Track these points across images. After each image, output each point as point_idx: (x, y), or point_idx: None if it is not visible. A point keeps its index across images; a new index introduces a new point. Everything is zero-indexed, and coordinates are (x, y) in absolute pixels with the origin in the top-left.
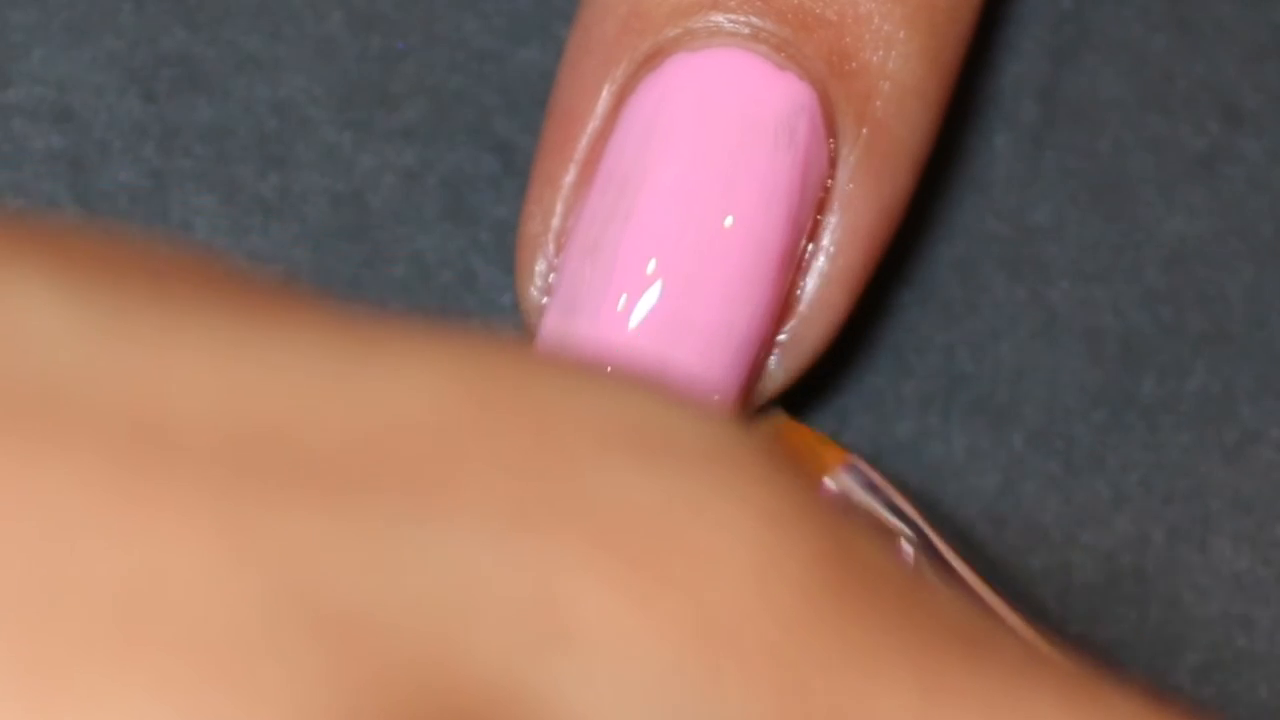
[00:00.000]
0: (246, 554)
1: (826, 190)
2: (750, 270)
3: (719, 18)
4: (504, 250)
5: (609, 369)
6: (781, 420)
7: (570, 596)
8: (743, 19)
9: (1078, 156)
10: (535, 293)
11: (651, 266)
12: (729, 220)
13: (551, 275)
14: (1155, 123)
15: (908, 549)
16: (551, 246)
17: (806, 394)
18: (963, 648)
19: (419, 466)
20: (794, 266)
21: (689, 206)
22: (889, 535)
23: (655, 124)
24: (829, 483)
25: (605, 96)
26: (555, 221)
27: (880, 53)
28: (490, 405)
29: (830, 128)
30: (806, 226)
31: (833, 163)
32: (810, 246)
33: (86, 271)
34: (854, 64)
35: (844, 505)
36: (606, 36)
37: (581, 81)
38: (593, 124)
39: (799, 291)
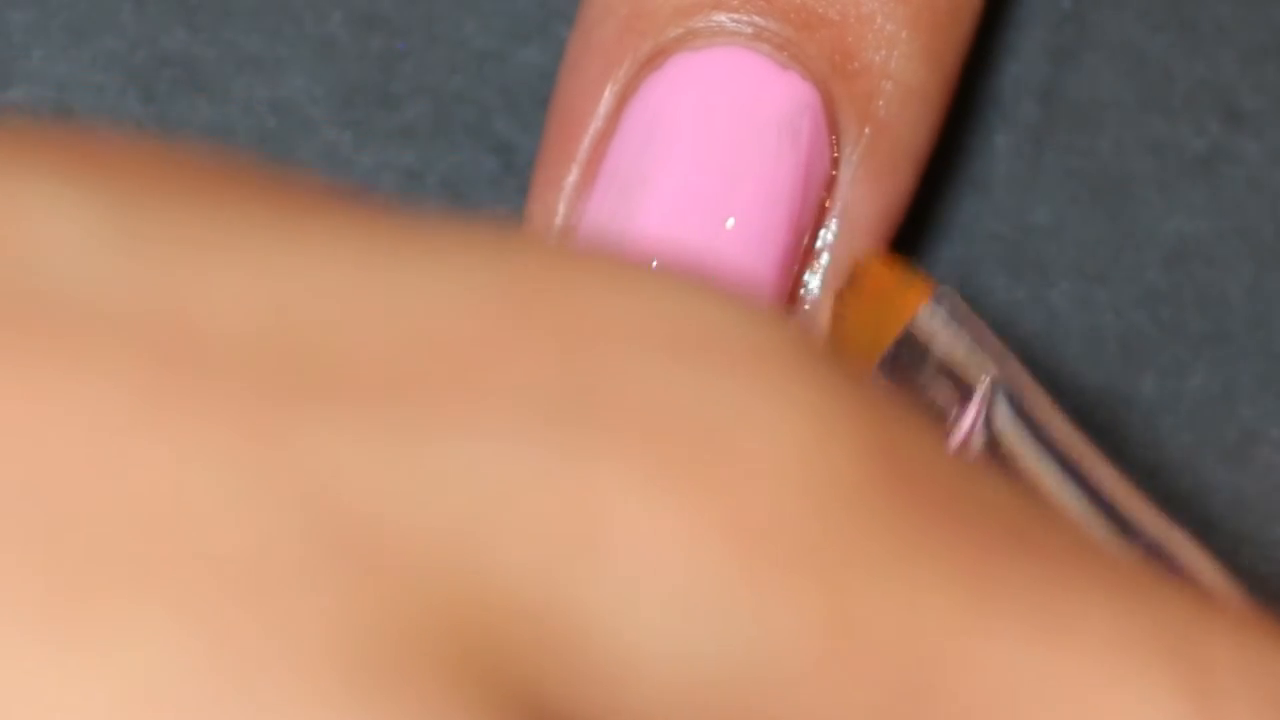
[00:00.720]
0: (274, 470)
1: (829, 190)
2: (753, 271)
3: (721, 17)
4: None
5: (650, 265)
6: (869, 259)
7: (604, 504)
8: (745, 18)
9: (1078, 156)
10: None
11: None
12: (731, 221)
13: None
14: (1155, 123)
15: (985, 387)
16: None
17: None
18: (1011, 541)
19: (450, 375)
20: (797, 266)
21: (691, 207)
22: (939, 421)
23: (657, 124)
24: (921, 313)
25: (607, 97)
26: (558, 222)
27: (883, 53)
28: (524, 308)
29: (833, 127)
30: (809, 226)
31: (835, 162)
32: (812, 247)
33: (107, 176)
34: (856, 64)
35: (910, 360)
36: (608, 37)
37: (583, 82)
38: (595, 124)
39: (802, 291)
